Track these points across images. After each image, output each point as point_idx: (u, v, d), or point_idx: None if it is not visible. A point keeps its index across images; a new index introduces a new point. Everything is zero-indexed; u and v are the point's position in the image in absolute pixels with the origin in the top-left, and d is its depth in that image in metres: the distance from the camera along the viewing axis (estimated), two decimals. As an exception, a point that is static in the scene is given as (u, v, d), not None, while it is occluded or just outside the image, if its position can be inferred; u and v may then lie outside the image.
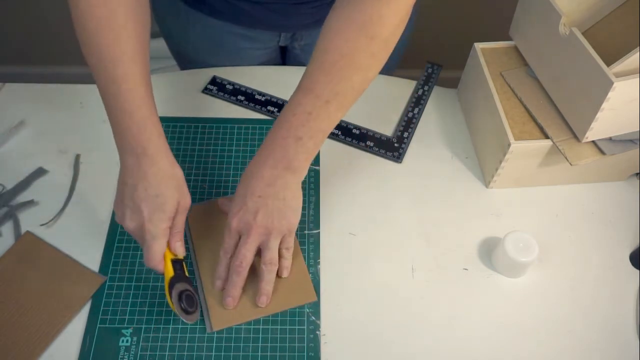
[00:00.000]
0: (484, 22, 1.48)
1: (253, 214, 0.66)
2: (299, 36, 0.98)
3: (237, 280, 0.68)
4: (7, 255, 0.73)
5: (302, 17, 0.92)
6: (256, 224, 0.66)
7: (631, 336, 0.71)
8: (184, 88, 0.92)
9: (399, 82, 0.95)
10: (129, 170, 0.65)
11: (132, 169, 0.65)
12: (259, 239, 0.67)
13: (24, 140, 0.85)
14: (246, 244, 0.66)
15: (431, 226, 0.79)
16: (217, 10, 0.91)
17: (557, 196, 0.83)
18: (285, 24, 0.94)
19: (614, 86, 0.66)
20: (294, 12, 0.91)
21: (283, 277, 0.72)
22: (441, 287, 0.73)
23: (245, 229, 0.67)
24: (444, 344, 0.69)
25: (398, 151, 0.86)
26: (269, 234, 0.67)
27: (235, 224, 0.67)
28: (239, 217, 0.67)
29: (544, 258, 0.76)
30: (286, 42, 1.00)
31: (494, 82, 0.82)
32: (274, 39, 0.98)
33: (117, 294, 0.71)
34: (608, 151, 0.74)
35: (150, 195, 0.64)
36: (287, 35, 0.98)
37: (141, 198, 0.64)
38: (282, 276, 0.72)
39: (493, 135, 0.80)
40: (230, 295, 0.68)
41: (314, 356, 0.67)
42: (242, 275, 0.68)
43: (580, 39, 0.70)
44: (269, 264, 0.68)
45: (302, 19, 0.92)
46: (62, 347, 0.67)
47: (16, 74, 1.84)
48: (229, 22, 0.93)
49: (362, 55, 0.62)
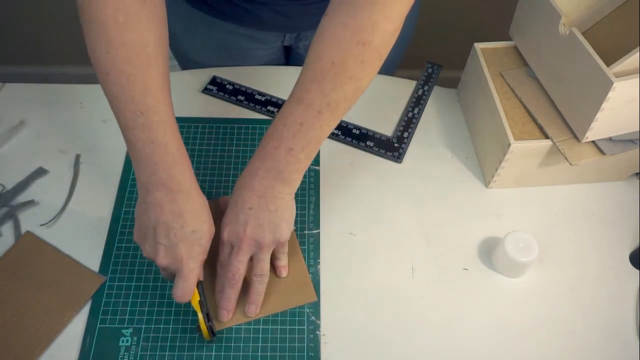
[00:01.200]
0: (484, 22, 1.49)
1: (243, 225, 0.65)
2: (303, 36, 0.98)
3: (231, 292, 0.68)
4: (7, 255, 0.73)
5: (307, 18, 0.92)
6: (246, 236, 0.65)
7: (631, 336, 0.71)
8: (184, 88, 0.92)
9: (399, 82, 0.95)
10: (158, 206, 0.63)
11: (162, 205, 0.63)
12: (250, 251, 0.67)
13: (24, 140, 0.85)
14: (237, 255, 0.66)
15: (431, 226, 0.79)
16: (220, 11, 0.91)
17: (557, 196, 0.83)
18: (290, 25, 0.94)
19: (614, 86, 0.66)
20: (299, 13, 0.91)
21: (282, 276, 0.72)
22: (441, 287, 0.73)
23: (236, 241, 0.66)
24: (444, 344, 0.69)
25: (398, 151, 0.86)
26: (260, 246, 0.66)
27: (226, 236, 0.67)
28: (229, 229, 0.67)
29: (544, 258, 0.76)
30: (290, 42, 1.00)
31: (494, 82, 0.82)
32: (279, 39, 0.98)
33: (117, 294, 0.71)
34: (608, 151, 0.74)
35: (187, 232, 0.63)
36: (292, 36, 0.98)
37: (178, 237, 0.63)
38: (281, 276, 0.72)
39: (493, 135, 0.80)
40: (224, 308, 0.68)
41: (314, 356, 0.67)
42: (236, 287, 0.67)
43: (580, 39, 0.70)
44: (260, 275, 0.68)
45: (308, 20, 0.92)
46: (62, 347, 0.67)
47: (16, 74, 1.84)
48: (233, 23, 0.93)
49: (352, 62, 0.61)
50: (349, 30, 0.60)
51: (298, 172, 0.65)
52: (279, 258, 0.71)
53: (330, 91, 0.62)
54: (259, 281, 0.68)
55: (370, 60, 0.62)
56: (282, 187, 0.65)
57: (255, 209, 0.65)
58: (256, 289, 0.69)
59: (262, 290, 0.69)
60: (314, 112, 0.62)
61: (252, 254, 0.67)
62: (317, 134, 0.64)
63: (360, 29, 0.60)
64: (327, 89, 0.61)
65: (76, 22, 0.71)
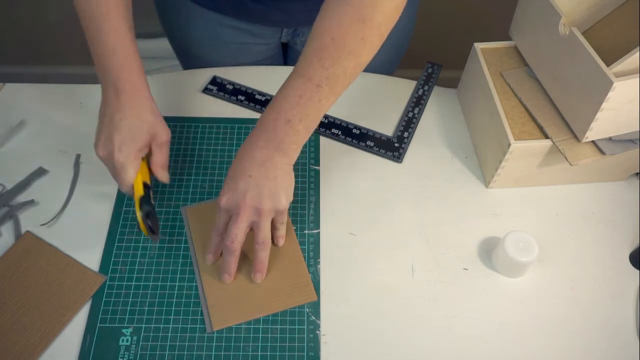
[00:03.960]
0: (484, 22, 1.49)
1: (243, 193, 0.66)
2: (300, 32, 0.98)
3: (231, 259, 0.69)
4: (7, 255, 0.73)
5: (303, 14, 0.92)
6: (245, 203, 0.66)
7: (631, 336, 0.71)
8: (184, 88, 0.92)
9: (399, 82, 0.95)
10: (108, 102, 0.70)
11: (111, 101, 0.69)
12: (249, 219, 0.67)
13: (24, 140, 0.85)
14: (236, 222, 0.67)
15: (431, 226, 0.79)
16: (219, 5, 0.91)
17: (557, 196, 0.83)
18: (287, 20, 0.94)
19: (613, 86, 0.66)
20: (296, 9, 0.91)
21: (279, 245, 0.74)
22: (441, 287, 0.73)
23: (235, 209, 0.67)
24: (443, 343, 0.69)
25: (398, 151, 0.86)
26: (259, 214, 0.67)
27: (224, 203, 0.67)
28: (228, 197, 0.67)
29: (544, 258, 0.76)
30: (288, 38, 1.00)
31: (494, 82, 0.82)
32: (276, 35, 0.98)
33: (117, 293, 0.71)
34: (608, 151, 0.74)
35: (123, 126, 0.68)
36: (289, 32, 0.98)
37: (115, 127, 0.68)
38: (279, 245, 0.74)
39: (493, 135, 0.80)
40: (226, 271, 0.70)
41: (314, 356, 0.67)
42: (235, 253, 0.69)
43: (580, 39, 0.70)
44: (262, 242, 0.69)
45: (304, 16, 0.92)
46: (62, 347, 0.67)
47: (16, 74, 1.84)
48: (231, 16, 0.93)
49: (352, 38, 0.63)
50: (350, 6, 0.62)
51: (296, 144, 0.67)
52: (277, 228, 0.72)
53: (329, 66, 0.63)
54: (261, 249, 0.69)
55: (370, 38, 0.64)
56: (281, 158, 0.67)
57: (255, 177, 0.66)
58: (259, 257, 0.70)
59: (266, 257, 0.70)
60: (314, 85, 0.64)
61: (251, 223, 0.68)
62: (316, 107, 0.66)
63: (362, 6, 0.62)
64: (326, 64, 0.63)
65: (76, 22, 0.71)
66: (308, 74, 0.64)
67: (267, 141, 0.66)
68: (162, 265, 0.73)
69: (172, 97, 0.91)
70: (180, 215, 0.77)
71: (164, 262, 0.73)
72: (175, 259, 0.74)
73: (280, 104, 0.66)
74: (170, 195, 0.79)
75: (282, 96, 0.66)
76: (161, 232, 0.76)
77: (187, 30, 0.98)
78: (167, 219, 0.77)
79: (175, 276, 0.72)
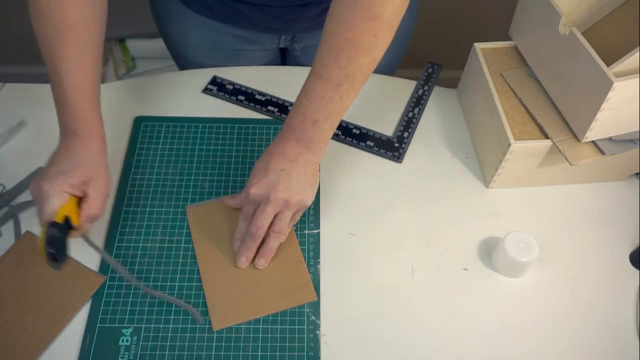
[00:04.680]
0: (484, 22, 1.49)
1: (274, 184, 0.68)
2: (299, 38, 0.98)
3: (252, 244, 0.71)
4: (7, 255, 0.73)
5: (302, 21, 0.92)
6: (276, 194, 0.68)
7: (631, 336, 0.71)
8: (184, 88, 0.92)
9: (399, 82, 0.95)
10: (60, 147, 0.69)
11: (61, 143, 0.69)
12: (276, 210, 0.69)
13: (24, 140, 0.85)
14: (264, 212, 0.69)
15: (431, 226, 0.79)
16: (216, 12, 0.91)
17: (557, 196, 0.83)
18: (285, 27, 0.94)
19: (614, 86, 0.66)
20: (293, 16, 0.91)
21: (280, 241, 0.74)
22: (441, 287, 0.73)
23: (264, 198, 0.69)
24: (443, 343, 0.69)
25: (398, 151, 0.86)
26: (286, 206, 0.69)
27: (256, 191, 0.69)
28: (260, 186, 0.69)
29: (544, 258, 0.76)
30: (286, 44, 1.00)
31: (494, 82, 0.82)
32: (274, 41, 0.98)
33: (117, 293, 0.71)
34: (608, 151, 0.74)
35: (60, 160, 0.67)
36: (287, 38, 0.98)
37: (52, 163, 0.67)
38: None
39: (493, 135, 0.80)
40: (244, 255, 0.72)
41: (314, 356, 0.67)
42: (257, 241, 0.71)
43: (580, 39, 0.70)
44: (277, 232, 0.71)
45: (302, 22, 0.92)
46: (62, 347, 0.67)
47: (16, 74, 1.84)
48: (229, 23, 0.93)
49: (365, 37, 0.65)
50: (358, 6, 0.64)
51: (324, 142, 0.71)
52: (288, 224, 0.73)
53: (346, 65, 0.66)
54: (274, 237, 0.71)
55: (382, 33, 0.66)
56: (311, 156, 0.70)
57: (287, 171, 0.69)
58: (270, 245, 0.72)
59: (275, 247, 0.72)
60: (333, 85, 0.67)
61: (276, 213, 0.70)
62: (338, 105, 0.68)
63: (370, 4, 0.64)
64: (343, 63, 0.66)
65: (76, 22, 0.70)
66: (326, 74, 0.67)
67: (298, 140, 0.69)
68: (162, 265, 0.73)
69: (172, 97, 0.91)
70: (181, 215, 0.77)
71: (164, 262, 0.73)
72: (176, 258, 0.74)
73: (305, 107, 0.68)
74: (170, 195, 0.79)
75: (306, 99, 0.68)
76: (161, 232, 0.76)
77: (185, 38, 0.98)
78: (167, 219, 0.77)
79: (176, 276, 0.72)
